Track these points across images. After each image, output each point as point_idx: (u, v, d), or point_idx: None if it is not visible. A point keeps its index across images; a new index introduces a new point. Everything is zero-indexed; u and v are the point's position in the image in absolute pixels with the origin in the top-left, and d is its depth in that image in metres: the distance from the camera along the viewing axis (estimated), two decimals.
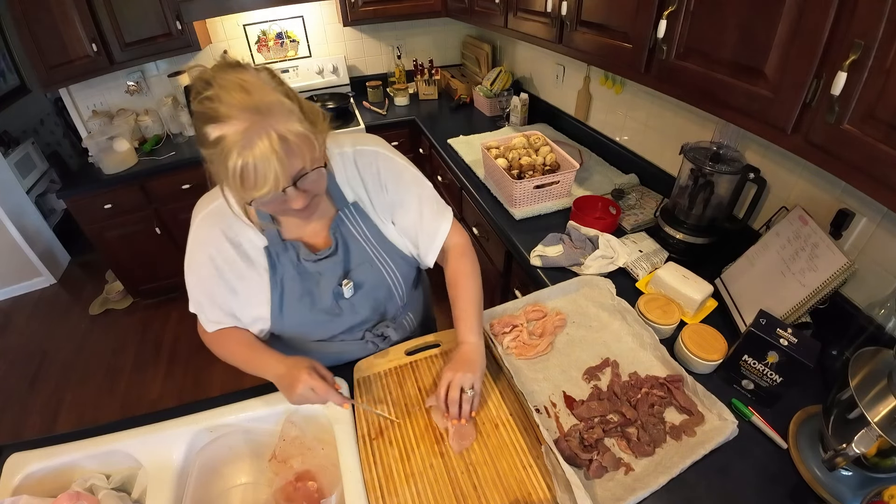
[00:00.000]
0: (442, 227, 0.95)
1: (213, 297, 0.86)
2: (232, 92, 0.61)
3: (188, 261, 0.85)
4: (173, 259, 2.60)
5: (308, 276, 0.87)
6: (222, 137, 0.60)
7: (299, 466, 0.89)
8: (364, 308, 0.93)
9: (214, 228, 0.82)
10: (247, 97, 0.61)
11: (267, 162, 0.61)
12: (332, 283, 0.88)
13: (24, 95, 3.44)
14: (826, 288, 0.90)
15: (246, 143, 0.60)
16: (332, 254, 0.87)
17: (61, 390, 2.34)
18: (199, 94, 0.62)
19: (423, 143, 2.51)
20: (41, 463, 0.83)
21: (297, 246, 0.85)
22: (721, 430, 0.80)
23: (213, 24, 2.54)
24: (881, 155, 0.64)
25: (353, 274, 0.90)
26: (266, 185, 0.62)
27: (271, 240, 0.83)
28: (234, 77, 0.62)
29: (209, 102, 0.61)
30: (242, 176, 0.61)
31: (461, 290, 0.94)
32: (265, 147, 0.60)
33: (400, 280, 0.95)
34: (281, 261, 0.85)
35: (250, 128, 0.60)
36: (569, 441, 0.80)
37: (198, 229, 0.83)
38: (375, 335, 0.99)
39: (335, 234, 0.87)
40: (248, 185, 0.63)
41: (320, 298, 0.88)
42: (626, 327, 1.02)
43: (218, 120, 0.60)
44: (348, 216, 0.88)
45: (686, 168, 1.21)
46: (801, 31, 0.73)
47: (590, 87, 1.89)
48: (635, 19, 1.08)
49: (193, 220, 0.84)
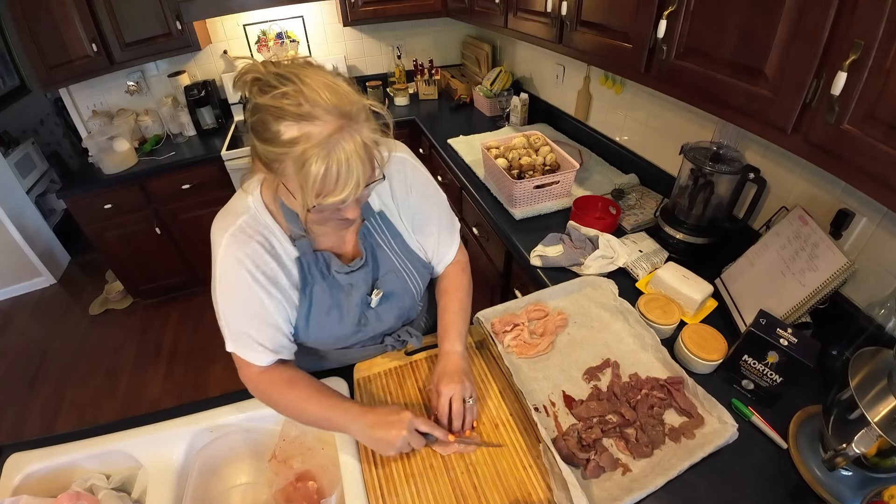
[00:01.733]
0: (455, 240, 0.98)
1: (261, 319, 0.78)
2: (320, 91, 0.58)
3: (222, 286, 0.76)
4: (173, 259, 2.62)
5: (338, 287, 0.85)
6: (304, 137, 0.58)
7: (299, 466, 0.89)
8: (389, 317, 0.92)
9: (251, 243, 0.75)
10: (336, 99, 0.59)
11: (351, 168, 0.60)
12: (362, 293, 0.87)
13: (24, 95, 3.45)
14: (826, 288, 0.90)
15: (333, 146, 0.58)
16: (364, 264, 0.85)
17: (61, 390, 2.34)
18: (274, 89, 0.59)
19: (423, 143, 2.51)
20: (41, 463, 0.83)
21: (329, 257, 0.82)
22: (721, 433, 0.80)
23: (213, 24, 2.54)
24: (881, 155, 0.64)
25: (381, 283, 0.88)
26: (346, 190, 0.61)
27: (303, 251, 0.80)
28: (319, 77, 0.60)
29: (288, 99, 0.58)
30: (324, 180, 0.59)
31: (453, 301, 0.93)
32: (351, 152, 0.59)
33: (421, 286, 0.94)
34: (311, 272, 0.82)
35: (337, 131, 0.58)
36: (567, 440, 0.80)
37: (229, 248, 0.74)
38: (396, 339, 0.98)
39: (364, 243, 0.85)
40: (326, 189, 0.60)
41: (349, 310, 0.86)
42: (627, 328, 1.02)
43: (301, 118, 0.58)
44: (375, 226, 0.86)
45: (686, 168, 1.21)
46: (801, 31, 0.73)
47: (590, 87, 1.89)
48: (635, 19, 1.08)
49: (218, 241, 0.75)
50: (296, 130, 0.58)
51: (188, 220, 2.51)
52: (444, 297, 0.95)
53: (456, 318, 0.91)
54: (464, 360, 0.86)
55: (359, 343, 0.95)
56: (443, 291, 0.96)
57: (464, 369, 0.84)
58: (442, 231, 0.94)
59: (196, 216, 2.50)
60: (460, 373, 0.83)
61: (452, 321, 0.91)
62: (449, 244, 0.96)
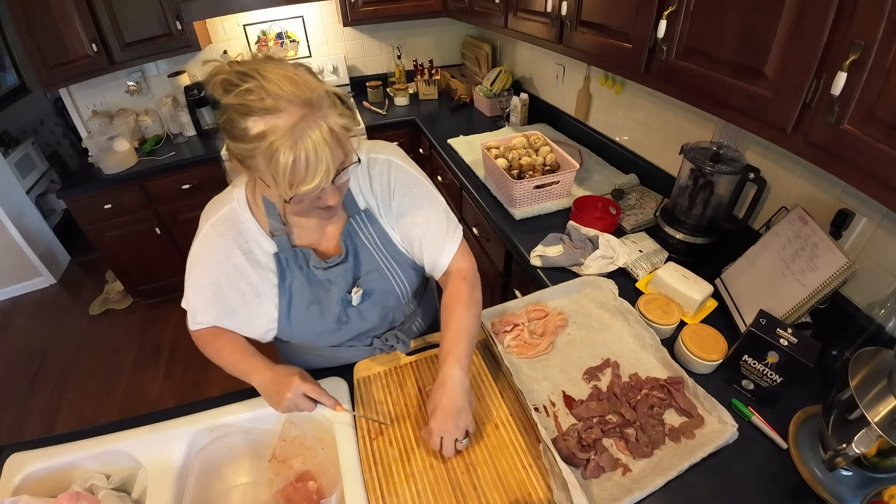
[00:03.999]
0: (448, 246, 0.90)
1: (209, 304, 0.84)
2: (281, 83, 0.59)
3: (193, 263, 0.83)
4: (173, 259, 2.61)
5: (317, 283, 0.86)
6: (270, 130, 0.59)
7: (299, 466, 0.89)
8: (372, 316, 0.92)
9: (225, 237, 0.80)
10: (297, 90, 0.60)
11: (319, 154, 0.60)
12: (341, 290, 0.87)
13: (24, 95, 3.44)
14: (826, 288, 0.90)
15: (299, 135, 0.59)
16: (343, 261, 0.86)
17: (61, 390, 2.34)
18: (236, 87, 0.60)
19: (423, 143, 2.51)
20: (41, 463, 0.83)
21: (308, 253, 0.84)
22: (721, 433, 0.80)
23: (213, 24, 2.54)
24: (881, 155, 0.64)
25: (362, 281, 0.88)
26: (317, 177, 0.62)
27: (281, 246, 0.82)
28: (279, 70, 0.61)
29: (251, 95, 0.59)
30: (294, 169, 0.60)
31: (453, 317, 0.85)
32: (318, 139, 0.60)
33: (408, 288, 0.93)
34: (290, 267, 0.83)
35: (301, 120, 0.60)
36: (567, 440, 0.80)
37: (207, 236, 0.81)
38: (384, 343, 0.98)
39: (346, 241, 0.86)
40: (297, 179, 0.61)
41: (328, 307, 0.87)
42: (627, 328, 1.02)
43: (265, 112, 0.59)
44: (359, 223, 0.86)
45: (686, 168, 1.21)
46: (801, 31, 0.73)
47: (590, 87, 1.89)
48: (635, 19, 1.08)
49: (202, 225, 0.82)
50: (262, 125, 0.60)
51: (188, 220, 2.51)
52: (443, 313, 0.88)
53: (456, 338, 0.83)
54: (462, 390, 0.78)
55: (345, 342, 0.95)
56: (443, 306, 0.89)
57: (459, 407, 0.77)
58: (430, 234, 0.88)
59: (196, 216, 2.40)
60: (455, 413, 0.76)
61: (453, 341, 0.82)
62: (439, 249, 0.89)
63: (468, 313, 0.86)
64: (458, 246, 0.92)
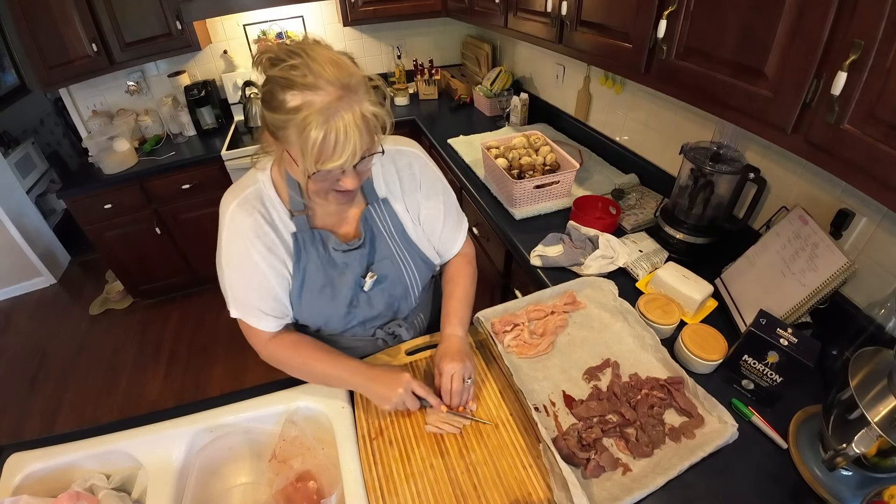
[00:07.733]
0: (459, 236, 1.02)
1: (263, 289, 0.83)
2: (324, 64, 0.63)
3: (227, 255, 0.81)
4: (173, 259, 2.62)
5: (332, 266, 0.88)
6: (306, 105, 0.62)
7: (299, 466, 0.89)
8: (379, 302, 0.94)
9: (254, 213, 0.80)
10: (338, 71, 0.63)
11: (349, 134, 0.63)
12: (355, 274, 0.89)
13: (24, 95, 3.44)
14: (826, 288, 0.90)
15: (332, 113, 0.62)
16: (361, 245, 0.88)
17: (61, 390, 2.34)
18: (283, 62, 0.64)
19: (423, 143, 2.50)
20: (41, 463, 0.83)
21: (326, 235, 0.86)
22: (721, 433, 0.80)
23: (213, 24, 2.54)
24: (881, 155, 0.64)
25: (375, 268, 0.91)
26: (343, 156, 0.64)
27: (300, 226, 0.84)
28: (324, 52, 0.65)
29: (295, 70, 0.63)
30: (322, 146, 0.63)
31: (458, 288, 0.98)
32: (349, 120, 0.63)
33: (417, 280, 0.96)
34: (306, 248, 0.85)
35: (337, 100, 0.63)
36: (567, 440, 0.80)
37: (234, 217, 0.80)
38: (387, 333, 1.00)
39: (364, 226, 0.88)
40: (324, 156, 0.64)
41: (341, 290, 0.89)
42: (627, 328, 1.02)
43: (305, 88, 0.62)
44: (377, 210, 0.89)
45: (686, 168, 1.21)
46: (801, 31, 0.73)
47: (590, 87, 1.89)
48: (635, 19, 1.08)
49: (225, 211, 0.81)
50: (300, 99, 0.63)
51: (188, 220, 2.51)
52: (448, 284, 1.00)
53: (459, 305, 0.95)
54: (464, 342, 0.90)
55: (349, 329, 0.96)
56: (448, 279, 1.01)
57: (465, 350, 0.88)
58: (448, 226, 0.98)
59: (196, 216, 2.50)
60: (461, 353, 0.87)
61: (455, 307, 0.95)
62: (453, 239, 1.01)
63: (470, 287, 1.00)
64: (466, 233, 1.04)
